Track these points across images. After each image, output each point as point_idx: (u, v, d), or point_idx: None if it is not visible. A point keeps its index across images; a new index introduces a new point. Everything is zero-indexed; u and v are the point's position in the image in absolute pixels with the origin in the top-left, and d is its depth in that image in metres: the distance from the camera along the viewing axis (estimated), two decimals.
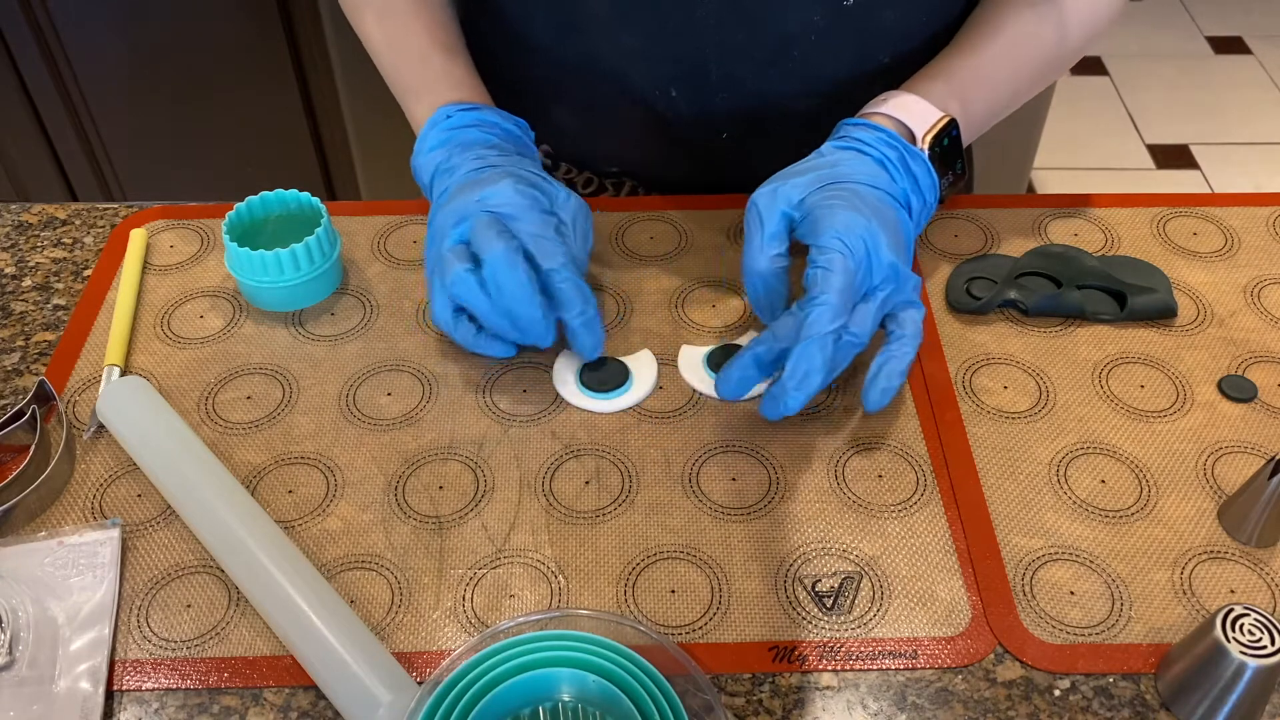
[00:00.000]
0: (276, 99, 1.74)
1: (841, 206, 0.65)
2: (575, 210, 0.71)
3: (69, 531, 0.62)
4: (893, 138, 0.70)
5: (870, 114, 0.73)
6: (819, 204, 0.66)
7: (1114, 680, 0.56)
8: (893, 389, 0.65)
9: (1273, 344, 0.73)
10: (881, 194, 0.68)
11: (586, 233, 0.72)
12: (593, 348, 0.68)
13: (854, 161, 0.69)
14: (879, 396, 0.65)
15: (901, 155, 0.70)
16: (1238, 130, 2.56)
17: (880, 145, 0.70)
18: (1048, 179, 2.43)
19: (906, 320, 0.66)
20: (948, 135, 0.72)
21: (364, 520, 0.63)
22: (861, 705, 0.55)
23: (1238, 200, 0.85)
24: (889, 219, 0.66)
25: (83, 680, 0.56)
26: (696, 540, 0.62)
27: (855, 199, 0.66)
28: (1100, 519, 0.63)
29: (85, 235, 0.83)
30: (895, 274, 0.65)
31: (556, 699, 0.53)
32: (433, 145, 0.74)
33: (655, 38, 0.78)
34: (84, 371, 0.72)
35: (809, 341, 0.61)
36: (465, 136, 0.73)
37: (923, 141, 0.71)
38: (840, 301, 0.62)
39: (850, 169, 0.68)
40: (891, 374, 0.65)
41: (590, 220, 0.72)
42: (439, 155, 0.73)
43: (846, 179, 0.68)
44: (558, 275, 0.66)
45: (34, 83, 1.72)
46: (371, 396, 0.70)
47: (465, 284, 0.66)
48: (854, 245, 0.63)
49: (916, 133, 0.71)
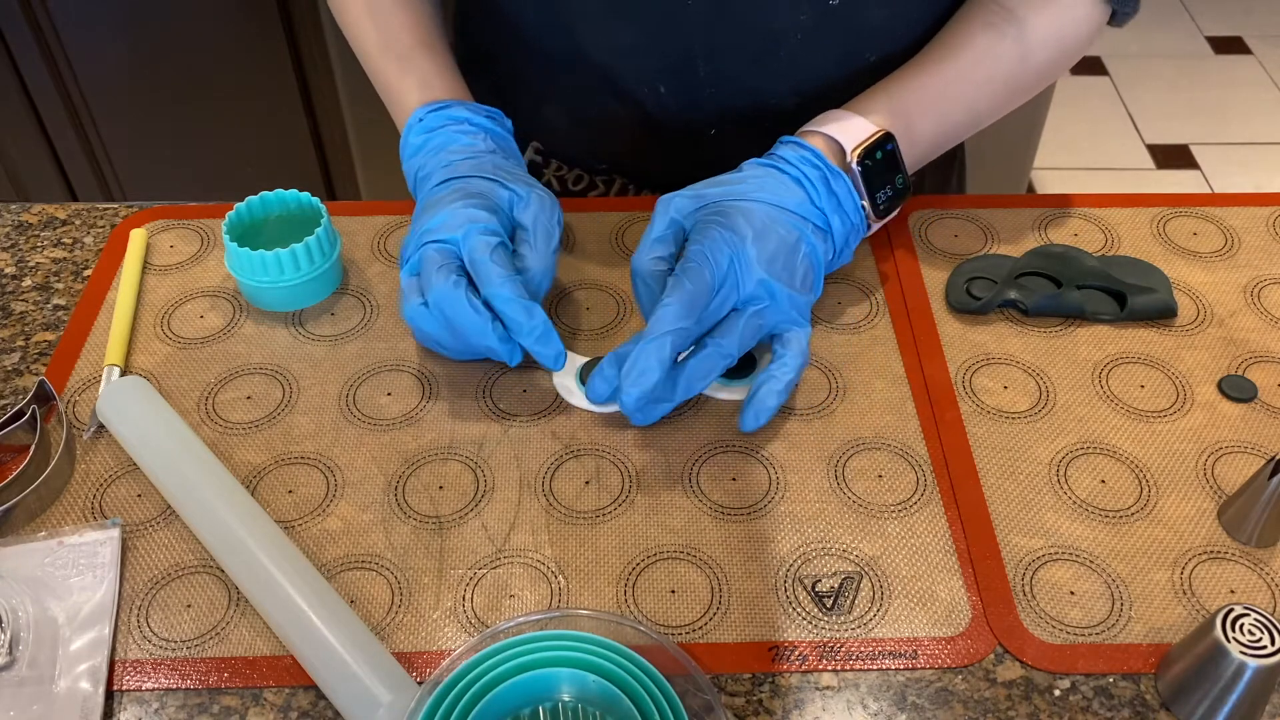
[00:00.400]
0: (276, 99, 1.74)
1: (720, 223, 0.66)
2: (536, 210, 0.69)
3: (69, 531, 0.62)
4: (817, 157, 0.70)
5: (807, 131, 0.73)
6: (704, 218, 0.67)
7: (1114, 680, 0.56)
8: (769, 409, 0.65)
9: (1273, 344, 0.73)
10: (785, 214, 0.68)
11: (550, 231, 0.70)
12: (554, 359, 0.66)
13: (766, 179, 0.69)
14: (753, 418, 0.66)
15: (823, 175, 0.70)
16: (1238, 130, 2.56)
17: (802, 164, 0.70)
18: (1048, 179, 2.43)
19: (790, 340, 0.67)
20: (880, 149, 0.71)
21: (364, 520, 0.63)
22: (861, 705, 0.55)
23: (1238, 200, 0.85)
24: (776, 238, 0.66)
25: (83, 680, 0.56)
26: (696, 540, 0.62)
27: (741, 216, 0.66)
28: (1100, 519, 0.63)
29: (85, 235, 0.83)
30: (769, 292, 0.66)
31: (556, 699, 0.53)
32: (410, 152, 0.75)
33: (643, 33, 0.79)
34: (84, 371, 0.72)
35: (646, 340, 0.63)
36: (438, 140, 0.74)
37: (851, 155, 0.70)
38: (683, 306, 0.63)
39: (757, 186, 0.69)
40: (768, 394, 0.65)
41: (556, 214, 0.71)
42: (417, 162, 0.74)
43: (746, 196, 0.68)
44: (497, 299, 0.65)
45: (34, 83, 1.73)
46: (371, 396, 0.70)
47: (422, 318, 0.66)
48: (717, 258, 0.64)
49: (847, 148, 0.71)
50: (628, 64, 0.81)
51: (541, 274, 0.68)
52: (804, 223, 0.69)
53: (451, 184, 0.70)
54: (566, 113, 0.89)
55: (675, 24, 0.77)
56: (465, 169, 0.71)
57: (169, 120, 1.78)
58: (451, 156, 0.72)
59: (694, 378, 0.64)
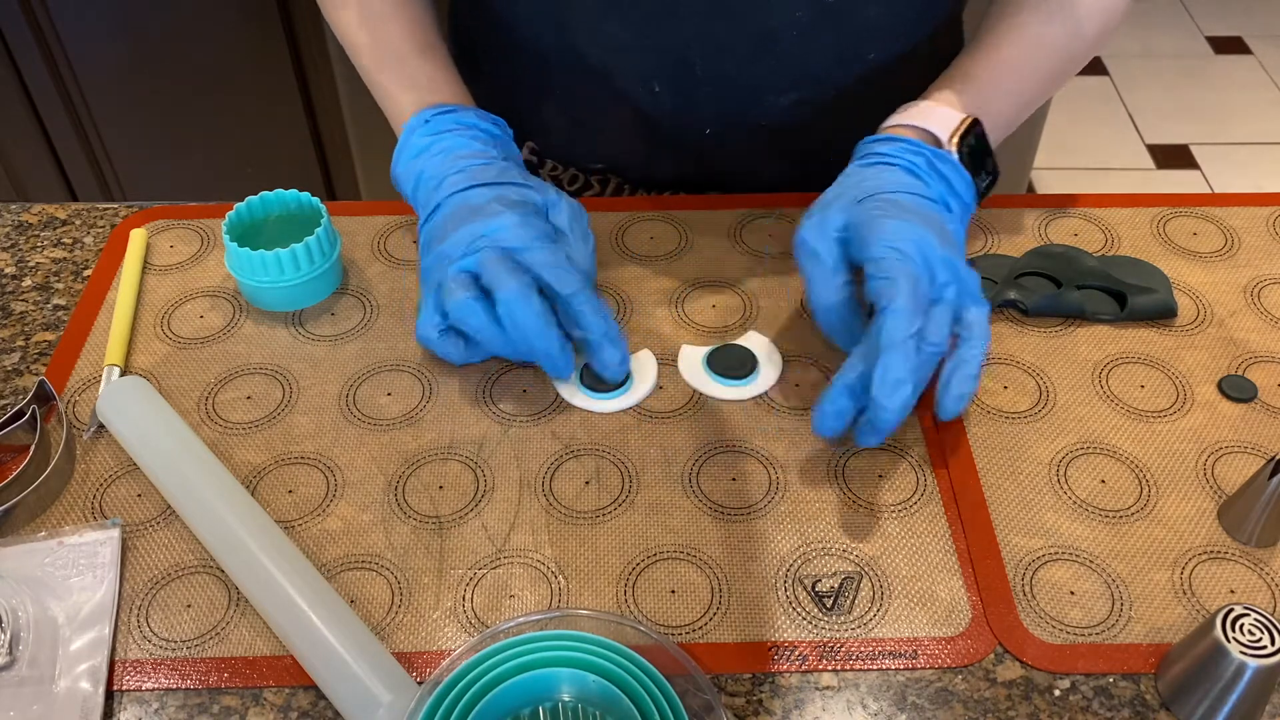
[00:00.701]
0: (276, 99, 1.74)
1: (884, 216, 0.64)
2: (569, 214, 0.71)
3: (69, 531, 0.62)
4: (916, 144, 0.70)
5: (889, 127, 0.72)
6: (863, 220, 0.65)
7: (1114, 680, 0.56)
8: (967, 395, 0.62)
9: (1273, 344, 0.73)
10: (918, 199, 0.67)
11: (585, 233, 0.72)
12: (619, 363, 0.67)
13: (883, 174, 0.68)
14: (954, 404, 0.62)
15: (929, 160, 0.69)
16: (1238, 130, 2.56)
17: (904, 154, 0.69)
18: (1048, 179, 2.43)
19: (973, 322, 0.63)
20: (974, 134, 0.71)
21: (364, 520, 0.63)
22: (861, 705, 0.55)
23: (1238, 200, 0.85)
24: (933, 220, 0.65)
25: (83, 680, 0.56)
26: (696, 540, 0.62)
27: (895, 207, 0.65)
28: (1100, 519, 0.63)
29: (85, 235, 0.83)
30: (955, 272, 0.63)
31: (556, 699, 0.53)
32: (412, 154, 0.73)
33: (638, 31, 0.79)
34: (84, 371, 0.72)
35: (891, 350, 0.60)
36: (445, 143, 0.73)
37: (949, 143, 0.70)
38: (912, 305, 0.60)
39: (880, 181, 0.68)
40: (964, 379, 0.62)
41: (585, 219, 0.72)
42: (419, 164, 0.73)
43: (880, 190, 0.67)
44: (576, 300, 0.66)
45: (34, 83, 1.73)
46: (371, 396, 0.70)
47: (472, 312, 0.65)
48: (908, 250, 0.62)
49: (940, 136, 0.70)
50: (623, 63, 0.81)
51: (586, 276, 0.69)
52: (934, 204, 0.68)
53: (480, 190, 0.69)
54: (561, 112, 0.89)
55: (670, 22, 0.77)
56: (489, 175, 0.70)
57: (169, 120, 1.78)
58: (464, 161, 0.71)
59: (921, 383, 0.62)
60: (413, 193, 0.74)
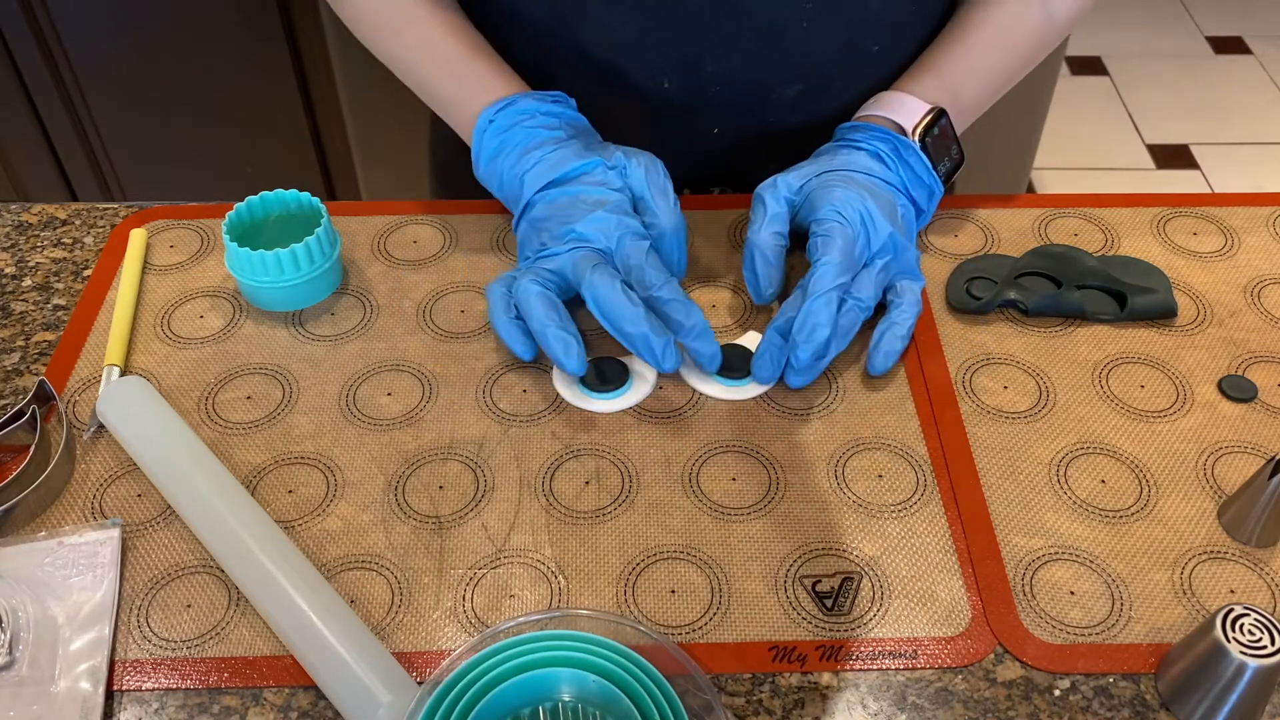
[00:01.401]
0: (276, 99, 1.74)
1: (836, 186, 0.71)
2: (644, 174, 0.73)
3: (69, 531, 0.62)
4: (884, 132, 0.76)
5: (863, 116, 0.78)
6: (816, 187, 0.72)
7: (1114, 680, 0.56)
8: (895, 353, 0.70)
9: (1273, 344, 0.73)
10: (876, 180, 0.73)
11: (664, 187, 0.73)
12: (711, 357, 0.68)
13: (850, 156, 0.75)
14: (883, 360, 0.69)
15: (894, 146, 0.75)
16: (1238, 130, 2.56)
17: (872, 140, 0.75)
18: (1048, 179, 2.43)
19: (905, 290, 0.71)
20: (936, 125, 0.76)
21: (364, 520, 0.63)
22: (861, 705, 0.55)
23: (1238, 200, 0.85)
24: (883, 198, 0.72)
25: (83, 680, 0.56)
26: (696, 540, 0.62)
27: (849, 182, 0.72)
28: (1100, 519, 0.63)
29: (85, 235, 0.83)
30: (894, 243, 0.71)
31: (556, 699, 0.53)
32: (488, 157, 0.76)
33: (645, 26, 0.79)
34: (84, 371, 0.72)
35: (815, 298, 0.67)
36: (515, 137, 0.75)
37: (913, 134, 0.76)
38: (841, 260, 0.68)
39: (845, 161, 0.74)
40: (893, 339, 0.69)
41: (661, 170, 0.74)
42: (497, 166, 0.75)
43: (842, 169, 0.74)
44: (660, 298, 0.68)
45: (34, 83, 1.73)
46: (371, 396, 0.70)
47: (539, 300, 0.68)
48: (850, 216, 0.70)
49: (906, 127, 0.76)
50: (631, 58, 0.81)
51: (674, 230, 0.72)
52: (892, 188, 0.74)
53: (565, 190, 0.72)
54: None
55: (677, 18, 0.78)
56: (563, 164, 0.73)
57: (169, 120, 1.78)
58: (536, 154, 0.74)
59: (843, 332, 0.68)
60: (500, 193, 0.77)
